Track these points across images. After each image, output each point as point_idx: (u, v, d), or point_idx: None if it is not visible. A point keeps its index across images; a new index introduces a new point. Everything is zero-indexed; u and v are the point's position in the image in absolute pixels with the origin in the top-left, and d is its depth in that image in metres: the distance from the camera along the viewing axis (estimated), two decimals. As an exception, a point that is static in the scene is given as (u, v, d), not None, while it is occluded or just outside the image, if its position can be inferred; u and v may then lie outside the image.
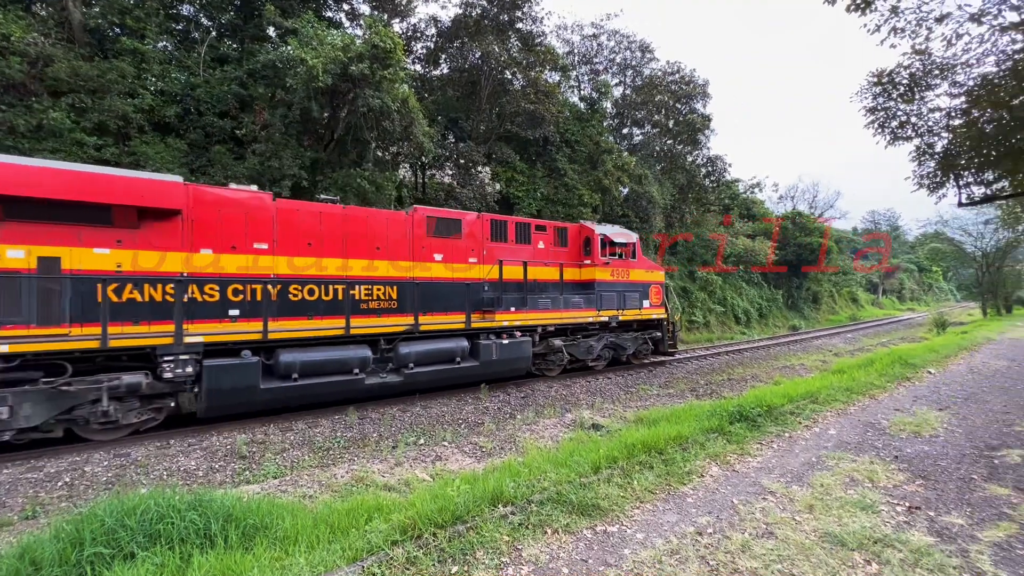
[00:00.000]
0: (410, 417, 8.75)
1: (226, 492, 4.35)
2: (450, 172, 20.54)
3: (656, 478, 5.20)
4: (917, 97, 9.45)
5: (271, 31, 14.66)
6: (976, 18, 7.60)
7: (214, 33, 14.79)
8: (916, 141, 10.18)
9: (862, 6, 7.59)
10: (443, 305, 9.76)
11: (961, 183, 10.33)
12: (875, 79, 9.67)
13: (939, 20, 7.71)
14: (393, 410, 9.04)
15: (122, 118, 11.35)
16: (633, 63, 27.48)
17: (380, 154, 15.84)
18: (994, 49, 8.41)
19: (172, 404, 7.37)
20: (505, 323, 10.45)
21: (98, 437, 6.89)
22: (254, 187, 8.19)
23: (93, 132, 10.98)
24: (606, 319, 12.48)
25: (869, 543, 3.93)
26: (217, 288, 7.40)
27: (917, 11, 7.65)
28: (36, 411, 6.32)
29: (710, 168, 28.54)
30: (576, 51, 27.26)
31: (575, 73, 26.93)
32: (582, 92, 26.96)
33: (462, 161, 19.39)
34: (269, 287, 7.74)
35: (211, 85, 13.01)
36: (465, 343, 9.96)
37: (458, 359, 9.82)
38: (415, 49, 20.54)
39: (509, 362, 10.56)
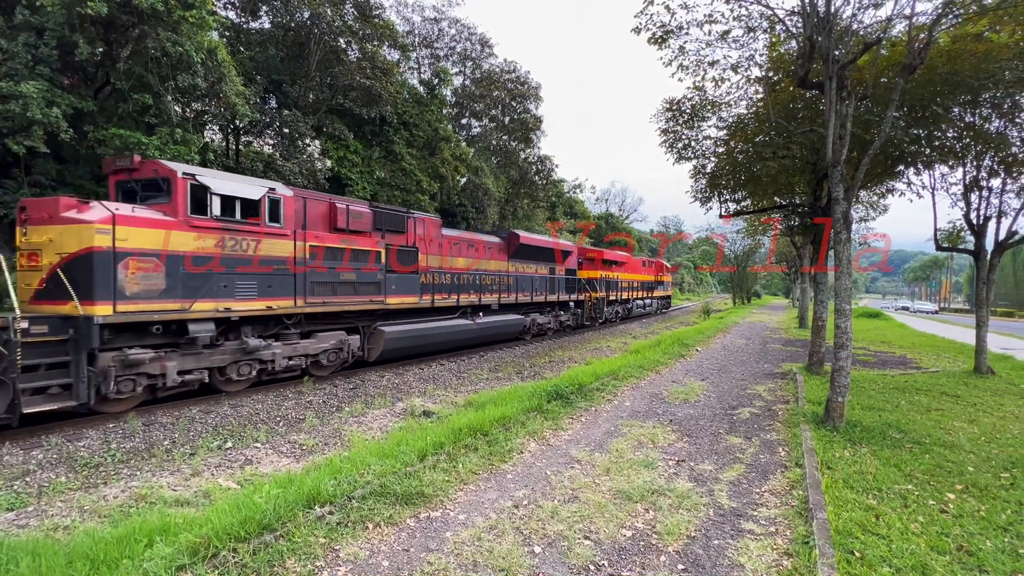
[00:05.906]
0: (215, 418, 7.65)
1: (-79, 540, 3.24)
2: (271, 141, 18.31)
3: (480, 459, 5.47)
4: (696, 126, 11.55)
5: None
6: (735, 68, 9.56)
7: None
8: (694, 162, 12.47)
9: (659, 40, 8.93)
10: (648, 288, 31.47)
11: (722, 199, 12.99)
12: (667, 106, 11.51)
13: (711, 64, 9.50)
14: (192, 411, 7.79)
15: None
16: (473, 55, 27.97)
17: (179, 110, 13.33)
18: (745, 95, 10.73)
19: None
20: (654, 294, 33.13)
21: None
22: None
23: None
24: (664, 295, 36.46)
25: (649, 495, 4.73)
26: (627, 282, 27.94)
27: (697, 54, 9.31)
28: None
29: (540, 167, 30.79)
30: (417, 32, 26.62)
31: (415, 55, 26.29)
32: (422, 76, 26.48)
33: (286, 130, 17.45)
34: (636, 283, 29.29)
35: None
36: (649, 300, 32.07)
37: (649, 307, 32.56)
38: (227, -7, 17.69)
39: (653, 307, 33.46)
